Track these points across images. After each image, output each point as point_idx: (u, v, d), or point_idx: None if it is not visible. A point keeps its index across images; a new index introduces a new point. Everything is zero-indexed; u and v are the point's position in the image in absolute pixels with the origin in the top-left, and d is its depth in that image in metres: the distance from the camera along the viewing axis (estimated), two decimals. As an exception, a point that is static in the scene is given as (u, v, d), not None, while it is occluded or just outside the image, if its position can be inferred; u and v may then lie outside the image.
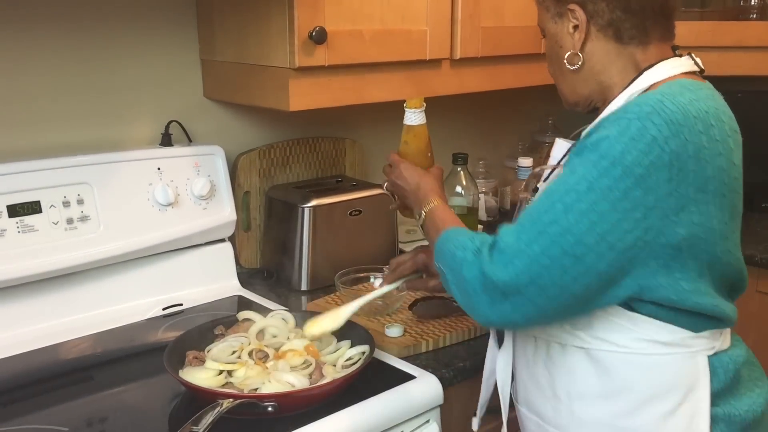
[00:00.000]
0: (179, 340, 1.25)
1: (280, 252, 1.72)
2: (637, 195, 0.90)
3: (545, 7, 1.09)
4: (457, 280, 1.01)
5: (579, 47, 1.05)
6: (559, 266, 0.91)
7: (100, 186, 1.44)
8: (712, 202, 0.94)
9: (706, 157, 0.93)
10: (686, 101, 0.93)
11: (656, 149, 0.89)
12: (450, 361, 1.34)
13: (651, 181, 0.90)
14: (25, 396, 1.23)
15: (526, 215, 0.96)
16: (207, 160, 1.59)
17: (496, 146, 2.29)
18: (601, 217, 0.90)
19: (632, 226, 0.91)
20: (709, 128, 0.94)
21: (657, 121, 0.90)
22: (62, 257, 1.39)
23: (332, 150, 1.89)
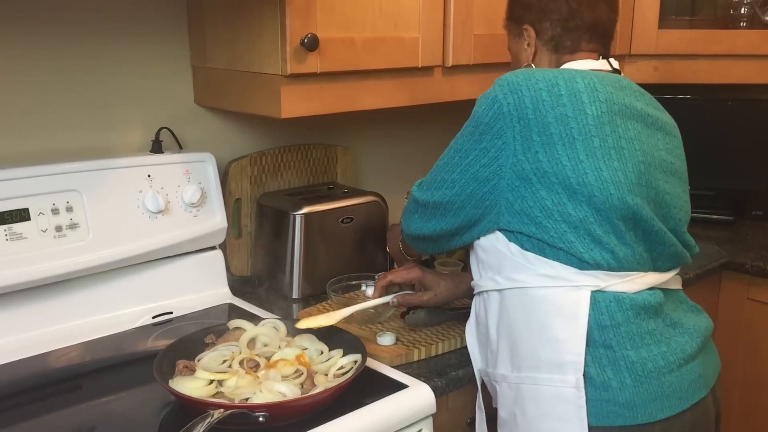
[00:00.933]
0: (169, 349, 1.24)
1: (272, 260, 1.71)
2: (487, 138, 1.16)
3: (509, 30, 1.38)
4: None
5: (531, 59, 1.32)
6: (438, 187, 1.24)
7: (89, 193, 1.43)
8: (559, 143, 1.12)
9: (546, 107, 1.13)
10: (534, 71, 1.18)
11: (496, 105, 1.15)
12: (442, 370, 1.33)
13: (496, 127, 1.15)
14: (13, 406, 1.21)
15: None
16: (198, 167, 1.58)
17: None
18: (464, 155, 1.19)
19: (488, 161, 1.17)
20: (552, 87, 1.14)
21: (501, 84, 1.17)
22: (51, 265, 1.38)
23: (324, 157, 1.89)
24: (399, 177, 2.08)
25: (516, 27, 1.35)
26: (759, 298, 1.97)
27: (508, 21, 1.38)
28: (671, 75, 2.09)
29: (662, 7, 2.06)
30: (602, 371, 1.11)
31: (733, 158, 2.23)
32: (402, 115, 2.01)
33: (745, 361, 2.01)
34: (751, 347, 2.01)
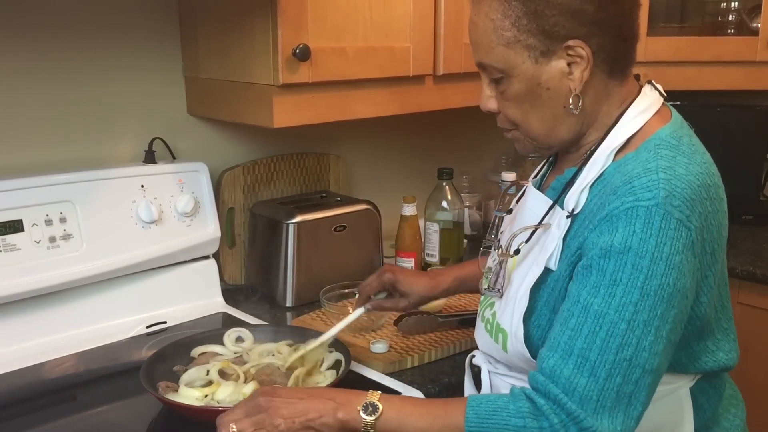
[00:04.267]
0: (154, 359, 1.25)
1: (265, 268, 1.71)
2: (683, 283, 0.90)
3: (524, 46, 0.95)
4: None
5: (581, 87, 0.96)
6: (644, 387, 0.90)
7: (82, 204, 1.43)
8: (719, 260, 0.97)
9: (712, 221, 0.94)
10: (684, 171, 0.92)
11: (683, 231, 0.89)
12: (435, 377, 1.34)
13: (687, 264, 0.90)
14: (7, 417, 1.21)
15: (581, 342, 0.89)
16: (191, 176, 1.58)
17: (479, 161, 2.30)
18: (663, 320, 0.89)
19: (685, 314, 0.92)
20: (709, 190, 0.94)
21: (676, 203, 0.89)
22: (45, 276, 1.38)
23: (316, 166, 1.89)
24: (391, 185, 2.09)
25: (544, 40, 0.95)
26: (749, 302, 1.98)
27: (521, 33, 0.95)
28: (660, 81, 2.05)
29: (651, 14, 2.08)
30: None
31: (723, 164, 2.22)
32: (394, 124, 2.02)
33: (736, 366, 2.02)
34: (742, 351, 2.02)
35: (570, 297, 0.93)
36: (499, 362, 1.12)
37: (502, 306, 1.06)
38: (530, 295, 1.00)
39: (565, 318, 0.92)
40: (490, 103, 1.04)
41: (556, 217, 1.01)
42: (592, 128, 1.02)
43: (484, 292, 1.09)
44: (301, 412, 0.93)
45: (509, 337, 1.03)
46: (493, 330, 1.07)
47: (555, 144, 1.03)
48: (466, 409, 0.92)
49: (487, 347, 1.11)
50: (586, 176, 0.99)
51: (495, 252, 1.13)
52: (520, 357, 1.03)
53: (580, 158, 1.03)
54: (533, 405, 0.90)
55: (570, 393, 0.88)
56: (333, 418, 0.93)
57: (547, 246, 0.99)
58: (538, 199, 1.07)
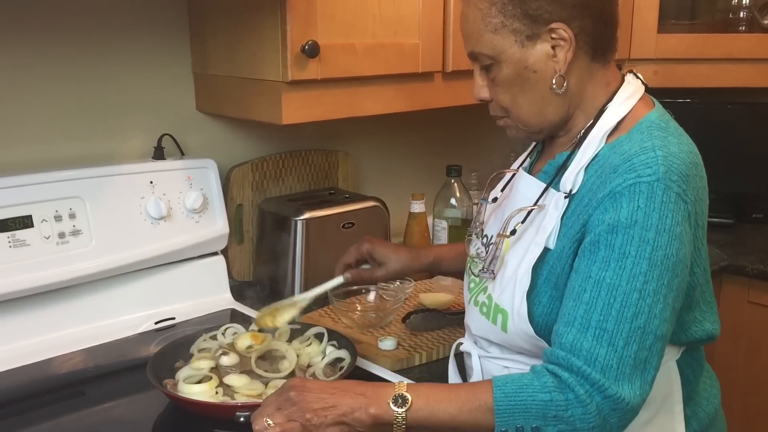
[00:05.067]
0: (159, 355, 1.26)
1: (273, 265, 1.71)
2: (684, 252, 0.95)
3: (510, 31, 1.00)
4: (565, 423, 0.92)
5: (565, 68, 1.01)
6: (656, 352, 0.94)
7: (92, 200, 1.43)
8: (705, 234, 1.02)
9: (701, 196, 1.00)
10: (677, 149, 0.97)
11: (681, 204, 0.94)
12: (444, 374, 1.33)
13: (686, 234, 0.95)
14: (16, 412, 1.22)
15: (597, 314, 0.92)
16: (199, 173, 1.58)
17: (488, 158, 2.29)
18: (669, 288, 0.94)
19: (685, 282, 0.98)
20: (698, 168, 1.00)
21: (674, 178, 0.94)
22: (54, 272, 1.38)
23: (325, 162, 1.89)
24: (400, 182, 2.08)
25: (530, 24, 0.99)
26: (760, 301, 1.97)
27: (507, 19, 1.00)
28: (671, 79, 2.10)
29: (661, 11, 2.07)
30: None
31: (734, 161, 2.23)
32: (402, 121, 2.02)
33: (746, 365, 2.01)
34: (752, 350, 2.01)
35: (580, 273, 0.96)
36: (492, 345, 1.13)
37: (499, 288, 1.08)
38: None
39: (578, 293, 0.95)
40: (482, 92, 1.09)
41: (551, 199, 1.05)
42: (579, 110, 1.07)
43: (479, 274, 1.12)
44: (332, 407, 0.94)
45: (510, 317, 1.05)
46: (491, 312, 1.09)
47: (545, 127, 1.08)
48: (493, 389, 0.94)
49: (483, 330, 1.13)
50: (580, 158, 1.03)
51: (478, 240, 1.17)
52: (521, 335, 1.05)
53: (569, 142, 1.08)
54: (557, 379, 0.93)
55: (592, 363, 0.91)
56: (365, 413, 0.94)
57: (545, 226, 1.03)
58: (531, 183, 1.11)
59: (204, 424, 1.13)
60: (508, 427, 0.93)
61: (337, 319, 1.53)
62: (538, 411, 0.92)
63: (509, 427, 0.93)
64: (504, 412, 0.93)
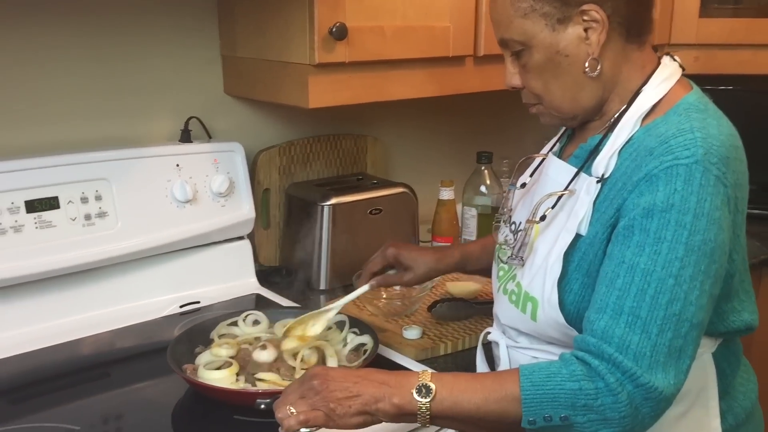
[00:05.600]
0: (178, 341, 1.25)
1: (300, 250, 1.69)
2: (723, 238, 0.92)
3: (541, 14, 0.97)
4: (594, 412, 0.89)
5: (598, 51, 0.97)
6: (692, 340, 0.91)
7: (118, 182, 1.43)
8: (744, 219, 0.99)
9: (741, 181, 0.97)
10: (717, 132, 0.94)
11: (721, 188, 0.91)
12: (469, 365, 1.30)
13: (725, 219, 0.92)
14: (40, 393, 1.23)
15: (630, 300, 0.89)
16: (226, 156, 1.57)
17: (520, 145, 2.24)
18: (706, 275, 0.90)
19: (723, 269, 0.94)
20: (738, 151, 0.97)
21: (713, 160, 0.91)
22: (80, 253, 1.38)
23: (353, 147, 1.87)
24: (429, 168, 2.05)
25: (561, 7, 0.96)
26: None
27: (537, 2, 0.97)
28: (713, 65, 2.03)
29: (703, -5, 2.00)
30: None
31: None
32: (433, 106, 1.99)
33: None
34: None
35: (613, 259, 0.93)
36: (521, 335, 1.11)
37: (528, 275, 1.05)
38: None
39: (611, 279, 0.92)
40: (513, 80, 1.06)
41: (582, 184, 1.01)
42: (614, 94, 1.03)
43: (507, 262, 1.10)
44: (356, 397, 0.92)
45: (540, 305, 1.03)
46: (520, 300, 1.07)
47: (579, 113, 1.04)
48: (520, 378, 0.91)
49: (512, 319, 1.10)
50: (614, 142, 1.00)
51: (506, 226, 1.15)
52: (551, 324, 1.02)
53: (602, 126, 1.04)
54: (587, 367, 0.90)
55: (624, 351, 0.88)
56: (389, 403, 0.91)
57: (577, 212, 1.00)
58: (561, 168, 1.08)
59: (224, 411, 1.12)
60: (535, 417, 0.90)
61: (362, 307, 1.51)
62: (566, 400, 0.89)
63: (537, 417, 0.90)
64: (531, 402, 0.90)
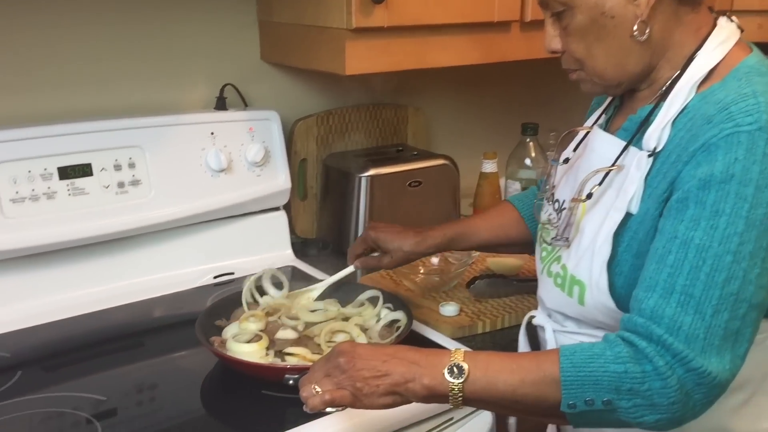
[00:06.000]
0: (208, 313, 1.23)
1: (337, 222, 1.66)
2: None
3: None
4: (641, 397, 0.83)
5: (647, 13, 0.90)
6: (750, 322, 0.84)
7: (152, 150, 1.41)
8: None
9: None
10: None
11: None
12: (508, 344, 1.26)
13: None
14: (71, 361, 1.22)
15: (683, 278, 0.83)
16: (262, 125, 1.54)
17: (567, 116, 2.16)
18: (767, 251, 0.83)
19: None
20: None
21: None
22: (113, 221, 1.37)
23: (393, 118, 1.82)
24: (472, 140, 1.99)
25: None
26: None
27: None
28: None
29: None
30: None
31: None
32: (476, 75, 1.92)
33: None
34: None
35: (664, 234, 0.87)
36: (568, 319, 1.04)
37: (575, 257, 0.99)
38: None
39: (661, 255, 0.85)
40: (553, 43, 0.99)
41: (632, 159, 0.94)
42: (664, 60, 0.95)
43: (551, 243, 1.03)
44: (384, 376, 0.87)
45: (588, 289, 0.96)
46: (566, 284, 1.00)
47: (624, 80, 0.97)
48: (560, 359, 0.85)
49: (558, 303, 1.04)
50: (667, 111, 0.92)
51: (549, 205, 1.08)
52: (600, 308, 0.96)
53: (653, 95, 0.96)
54: (633, 349, 0.84)
55: (675, 332, 0.82)
56: (419, 384, 0.86)
57: (626, 188, 0.93)
58: (608, 141, 1.00)
59: (253, 385, 1.10)
60: (576, 400, 0.83)
61: (398, 281, 1.47)
62: (610, 383, 0.83)
63: (577, 401, 0.83)
64: (572, 385, 0.84)
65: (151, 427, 1.04)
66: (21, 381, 1.13)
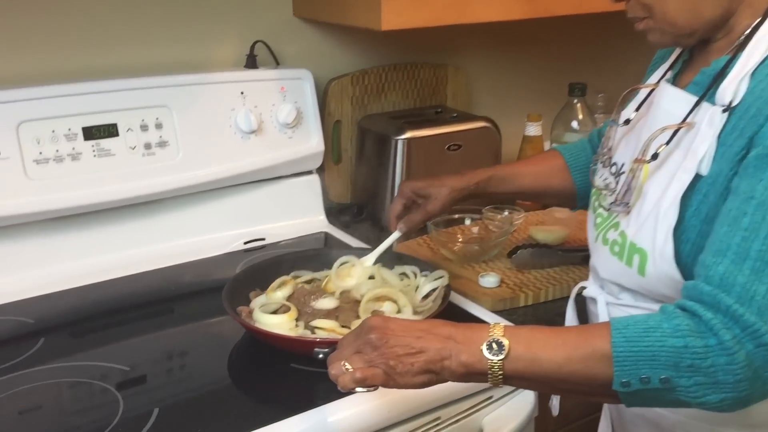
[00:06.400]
0: (236, 280, 1.17)
1: (372, 187, 1.60)
2: None
3: None
4: (703, 374, 0.75)
5: None
6: None
7: (179, 110, 1.36)
8: None
9: None
10: None
11: None
12: (552, 319, 1.19)
13: None
14: (96, 328, 1.19)
15: (759, 243, 0.75)
16: (294, 84, 1.47)
17: (618, 77, 2.05)
18: None
19: None
20: None
21: None
22: (139, 184, 1.32)
23: (432, 78, 1.74)
24: (515, 101, 1.90)
25: None
26: None
27: None
28: None
29: None
30: None
31: None
32: (521, 31, 1.82)
33: None
34: None
35: (739, 194, 0.78)
36: (625, 291, 0.96)
37: (635, 223, 0.91)
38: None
39: (735, 217, 0.77)
40: None
41: (704, 115, 0.85)
42: (744, 5, 0.86)
43: (610, 208, 0.95)
44: (419, 353, 0.80)
45: (650, 258, 0.88)
46: (624, 252, 0.92)
47: (698, 28, 0.88)
48: (611, 332, 0.77)
49: (614, 273, 0.96)
50: (745, 63, 0.83)
51: (605, 169, 1.00)
52: (663, 279, 0.88)
53: (729, 46, 0.87)
54: (695, 320, 0.76)
55: (746, 302, 0.74)
56: (456, 361, 0.78)
57: (696, 148, 0.84)
58: (677, 97, 0.91)
59: (281, 357, 1.05)
60: (630, 378, 0.75)
61: (435, 250, 1.40)
62: (668, 359, 0.74)
63: (631, 379, 0.75)
64: (625, 361, 0.75)
65: (178, 395, 1.00)
66: (44, 348, 1.10)
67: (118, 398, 0.97)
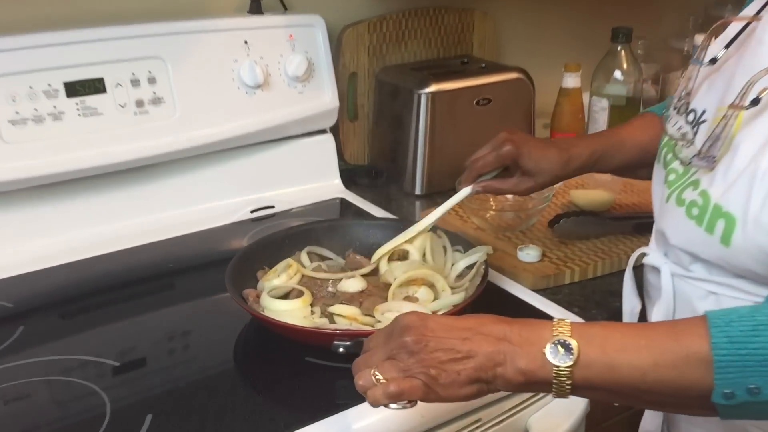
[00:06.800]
0: (242, 259, 1.03)
1: (392, 147, 1.49)
2: None
3: None
4: None
5: None
6: None
7: (175, 62, 1.23)
8: None
9: None
10: None
11: None
12: (602, 299, 1.05)
13: None
14: (86, 310, 1.07)
15: None
16: (304, 32, 1.35)
17: (658, 22, 1.91)
18: None
19: None
20: None
21: None
22: (132, 147, 1.20)
23: (458, 24, 1.61)
24: (550, 49, 1.77)
25: None
26: None
27: None
28: None
29: None
30: None
31: None
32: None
33: None
34: None
35: None
36: (697, 261, 0.81)
37: (722, 182, 0.75)
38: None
39: None
40: None
41: None
42: None
43: (691, 162, 0.80)
44: (466, 359, 0.65)
45: (739, 225, 0.73)
46: (705, 216, 0.77)
47: None
48: (710, 330, 0.62)
49: (689, 241, 0.80)
50: None
51: (681, 117, 0.85)
52: (752, 252, 0.73)
53: None
54: None
55: None
56: (512, 368, 0.64)
57: None
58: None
59: (294, 349, 0.91)
60: (734, 388, 0.61)
61: (466, 218, 1.26)
62: None
63: (737, 389, 0.61)
64: (728, 366, 0.61)
65: (175, 396, 0.87)
66: (24, 336, 0.97)
67: (105, 402, 0.84)
